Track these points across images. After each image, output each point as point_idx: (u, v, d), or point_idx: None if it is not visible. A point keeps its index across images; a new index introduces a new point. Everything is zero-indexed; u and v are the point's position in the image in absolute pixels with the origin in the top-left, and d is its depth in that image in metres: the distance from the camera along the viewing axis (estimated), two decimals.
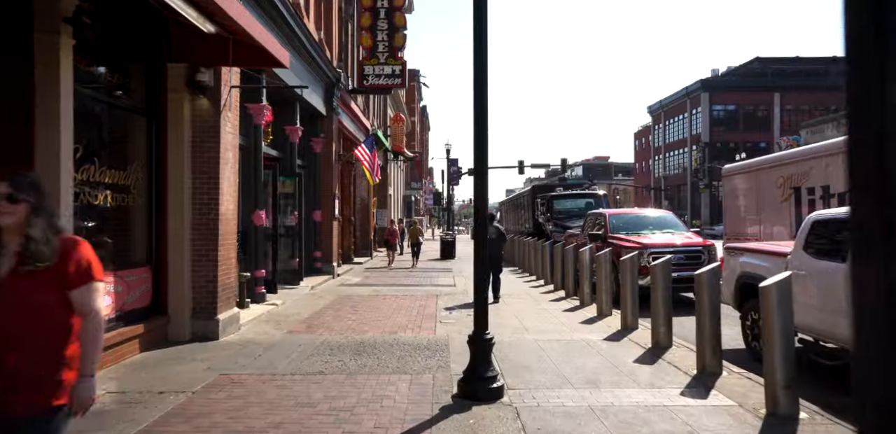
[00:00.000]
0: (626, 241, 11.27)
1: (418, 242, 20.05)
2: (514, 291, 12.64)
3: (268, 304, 10.27)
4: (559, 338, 7.57)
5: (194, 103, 7.29)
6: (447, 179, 35.94)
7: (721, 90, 62.39)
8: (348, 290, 12.85)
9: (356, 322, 8.75)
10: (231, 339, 7.41)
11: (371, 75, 18.32)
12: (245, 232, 10.27)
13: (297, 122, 13.01)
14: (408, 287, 13.57)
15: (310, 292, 12.38)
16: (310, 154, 15.29)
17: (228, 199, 7.68)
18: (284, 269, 12.92)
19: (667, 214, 12.82)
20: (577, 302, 10.76)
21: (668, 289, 6.83)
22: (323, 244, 15.45)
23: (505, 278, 16.01)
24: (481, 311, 5.33)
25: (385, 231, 21.03)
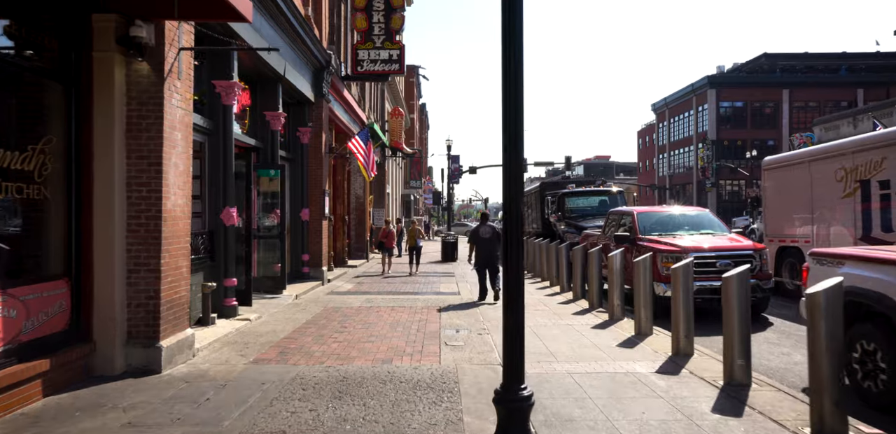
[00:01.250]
0: (661, 244, 9.64)
1: (417, 246, 17.13)
2: (528, 301, 10.91)
3: (239, 318, 8.63)
4: (599, 369, 5.93)
5: (129, 67, 5.65)
6: (447, 177, 34.24)
7: (728, 86, 60.83)
8: (338, 300, 11.20)
9: (342, 344, 7.10)
10: (178, 371, 5.76)
11: (366, 61, 16.69)
12: (212, 233, 8.63)
13: (280, 107, 11.37)
14: (406, 296, 11.93)
15: (293, 303, 10.73)
16: (296, 145, 13.64)
17: (177, 193, 6.03)
18: (265, 275, 11.28)
19: (703, 213, 11.19)
20: (606, 315, 9.13)
21: (745, 302, 5.19)
22: (311, 246, 13.81)
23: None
24: (513, 357, 3.66)
25: (380, 232, 18.03)
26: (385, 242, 17.10)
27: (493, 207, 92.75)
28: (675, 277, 6.50)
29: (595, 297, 10.16)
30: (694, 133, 63.57)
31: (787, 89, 59.96)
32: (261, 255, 11.23)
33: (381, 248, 17.41)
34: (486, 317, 9.25)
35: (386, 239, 17.02)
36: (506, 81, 3.62)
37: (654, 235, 10.29)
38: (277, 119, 11.33)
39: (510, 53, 3.59)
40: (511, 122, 3.64)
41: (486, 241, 11.39)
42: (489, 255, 11.25)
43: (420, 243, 17.30)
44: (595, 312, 9.61)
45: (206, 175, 8.67)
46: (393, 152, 30.25)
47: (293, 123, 13.61)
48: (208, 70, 8.67)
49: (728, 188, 60.89)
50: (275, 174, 11.25)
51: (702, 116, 62.63)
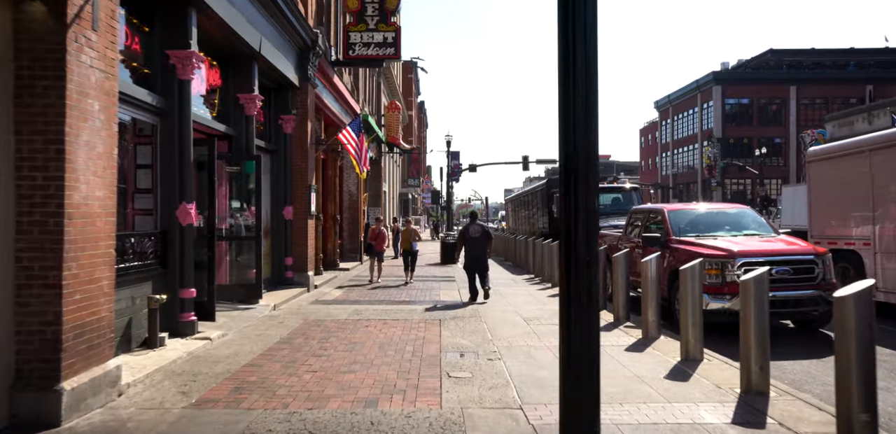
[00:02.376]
0: (702, 248, 8.15)
1: (412, 250, 14.35)
2: (543, 314, 9.52)
3: (198, 337, 7.13)
4: (654, 417, 4.44)
5: (18, 7, 4.16)
6: (447, 175, 32.77)
7: (734, 83, 59.41)
8: (322, 311, 9.71)
9: (317, 376, 5.61)
10: (87, 422, 4.27)
11: (358, 44, 15.19)
12: (165, 234, 7.13)
13: (255, 89, 9.88)
14: (401, 306, 10.44)
15: (269, 315, 9.23)
16: (278, 135, 12.15)
17: (93, 182, 4.54)
18: (238, 282, 9.79)
19: (744, 210, 9.70)
20: (637, 332, 7.64)
21: (868, 334, 3.71)
22: (296, 249, 12.31)
23: (523, 290, 12.97)
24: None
25: (369, 232, 15.03)
26: (374, 245, 14.17)
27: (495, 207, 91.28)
28: (746, 292, 5.02)
29: (622, 309, 8.67)
30: (699, 131, 62.16)
31: (794, 86, 58.58)
32: (233, 260, 9.74)
33: (370, 251, 14.48)
34: (494, 333, 7.77)
35: (376, 241, 14.11)
36: None
37: (690, 237, 8.81)
38: (253, 102, 9.84)
39: None
40: None
41: (475, 240, 11.28)
42: (479, 255, 11.22)
43: (416, 247, 14.52)
44: (623, 328, 8.12)
45: (159, 165, 7.18)
46: (390, 148, 28.77)
47: (274, 110, 12.12)
48: (162, 39, 7.18)
49: (733, 187, 59.47)
50: (249, 166, 9.75)
51: (707, 114, 61.23)
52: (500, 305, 10.46)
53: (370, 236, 14.50)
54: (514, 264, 20.00)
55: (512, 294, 12.17)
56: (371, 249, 14.40)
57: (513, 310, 9.97)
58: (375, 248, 14.21)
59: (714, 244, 8.19)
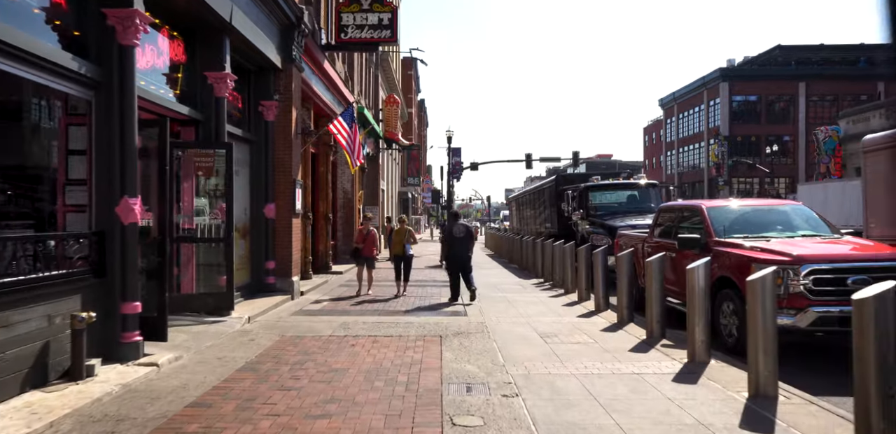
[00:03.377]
0: (753, 252, 6.79)
1: (406, 255, 11.82)
2: (560, 329, 8.14)
3: (142, 362, 5.78)
4: None
5: None
6: (448, 173, 31.39)
7: (741, 80, 58.09)
8: (303, 325, 8.34)
9: (277, 425, 4.24)
10: None
11: (351, 26, 13.84)
12: (103, 235, 5.77)
13: (227, 67, 8.52)
14: (395, 317, 9.08)
15: (240, 330, 7.87)
16: (258, 123, 10.79)
17: None
18: (205, 291, 8.43)
19: (798, 207, 8.33)
20: (682, 355, 6.28)
21: None
22: (279, 251, 10.95)
23: (533, 297, 11.60)
24: None
25: (356, 233, 12.89)
26: (362, 249, 11.71)
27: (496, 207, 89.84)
28: (862, 312, 3.66)
29: (654, 323, 7.30)
30: (705, 128, 60.85)
31: (804, 82, 57.20)
32: (200, 265, 8.38)
33: (356, 256, 11.90)
34: (507, 354, 6.41)
35: (364, 243, 11.68)
36: None
37: (736, 238, 7.43)
38: (223, 83, 8.48)
39: None
40: None
41: (459, 240, 11.12)
42: (463, 256, 11.15)
43: (410, 250, 11.87)
44: (661, 348, 6.75)
45: (94, 150, 5.82)
46: (388, 144, 27.41)
47: (254, 95, 10.76)
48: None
49: (739, 186, 58.09)
50: (219, 155, 8.39)
51: (713, 111, 59.90)
52: (509, 316, 9.10)
53: (356, 238, 12.06)
54: (520, 267, 18.64)
55: (521, 302, 10.81)
56: (358, 254, 11.84)
57: (524, 322, 8.61)
58: (363, 253, 11.73)
59: (769, 247, 6.82)
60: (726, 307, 6.98)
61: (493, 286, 13.43)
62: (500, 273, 16.94)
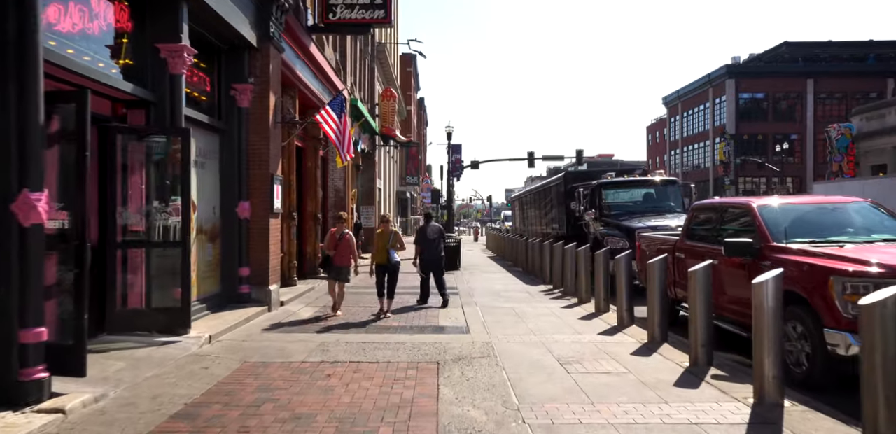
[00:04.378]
0: (828, 260, 5.42)
1: (391, 264, 9.37)
2: (583, 352, 6.78)
3: (44, 408, 4.40)
4: None
5: None
6: (447, 171, 30.01)
7: (748, 77, 56.73)
8: (274, 346, 6.97)
9: None
10: None
11: (340, 5, 12.46)
12: None
13: (183, 38, 7.15)
14: (385, 335, 7.70)
15: (194, 354, 6.49)
16: (230, 109, 9.44)
17: None
18: (156, 307, 7.06)
19: (867, 205, 6.93)
20: (745, 391, 4.92)
21: None
22: (254, 256, 9.59)
23: (543, 307, 10.18)
24: None
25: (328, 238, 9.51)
26: (333, 257, 9.23)
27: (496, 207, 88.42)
28: None
29: (700, 347, 5.93)
30: (710, 127, 59.53)
31: (812, 79, 55.88)
32: (151, 275, 7.01)
33: (328, 266, 9.37)
34: (522, 391, 5.05)
35: (337, 250, 9.16)
36: None
37: (800, 243, 6.07)
38: (179, 57, 7.11)
39: None
40: None
41: (432, 241, 10.62)
42: (436, 257, 10.69)
43: (396, 258, 9.42)
44: (712, 380, 5.39)
45: None
46: (385, 140, 26.05)
47: (225, 78, 9.40)
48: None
49: (744, 186, 56.72)
50: (166, 143, 7.02)
51: (719, 109, 58.57)
52: (518, 333, 7.73)
53: (327, 244, 9.30)
54: (524, 271, 17.27)
55: (531, 314, 9.45)
56: (329, 263, 9.24)
57: (538, 341, 7.25)
58: (335, 262, 9.15)
59: (847, 255, 5.46)
60: (792, 329, 5.63)
61: (497, 294, 12.07)
62: (504, 278, 15.58)
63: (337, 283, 9.33)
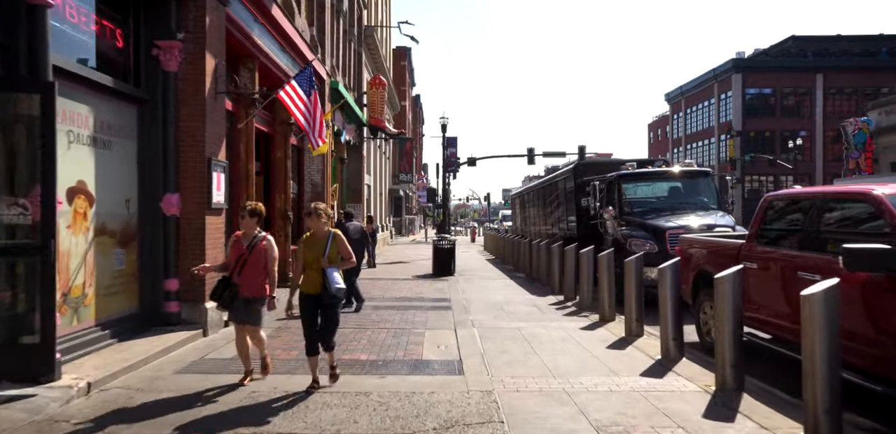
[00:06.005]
0: None
1: (327, 294, 5.03)
2: (633, 412, 4.62)
3: None
4: None
5: None
6: (443, 167, 27.86)
7: (755, 71, 54.64)
8: (179, 402, 4.79)
9: None
10: None
11: None
12: None
13: None
14: (345, 379, 5.50)
15: (47, 419, 4.29)
16: (153, 74, 7.26)
17: None
18: (6, 342, 4.87)
19: None
20: None
21: None
22: (184, 264, 7.37)
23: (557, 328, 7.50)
24: None
25: (230, 245, 5.61)
26: (240, 281, 5.25)
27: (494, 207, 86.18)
28: None
29: (822, 414, 3.79)
30: (715, 124, 57.51)
31: (821, 74, 53.88)
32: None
33: (223, 297, 5.21)
34: None
35: (243, 269, 5.25)
36: None
37: None
38: None
39: None
40: None
41: (355, 242, 9.05)
42: (358, 255, 9.43)
43: (337, 282, 5.01)
44: None
45: None
46: (373, 132, 23.84)
47: (145, 33, 7.21)
48: None
49: (749, 185, 54.67)
50: (13, 103, 4.84)
51: (724, 105, 56.53)
52: (532, 377, 5.56)
53: (230, 256, 5.47)
54: (528, 277, 15.10)
55: (544, 339, 7.27)
56: (231, 292, 5.24)
57: (561, 390, 5.08)
58: (241, 291, 5.25)
59: None
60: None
61: (498, 308, 9.90)
62: (505, 286, 13.41)
63: (248, 329, 5.35)
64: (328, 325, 5.18)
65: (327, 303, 5.09)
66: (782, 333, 5.64)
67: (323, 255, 5.10)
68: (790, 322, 5.40)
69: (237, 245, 5.41)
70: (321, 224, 5.22)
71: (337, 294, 5.01)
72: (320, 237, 5.22)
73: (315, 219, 5.21)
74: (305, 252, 5.21)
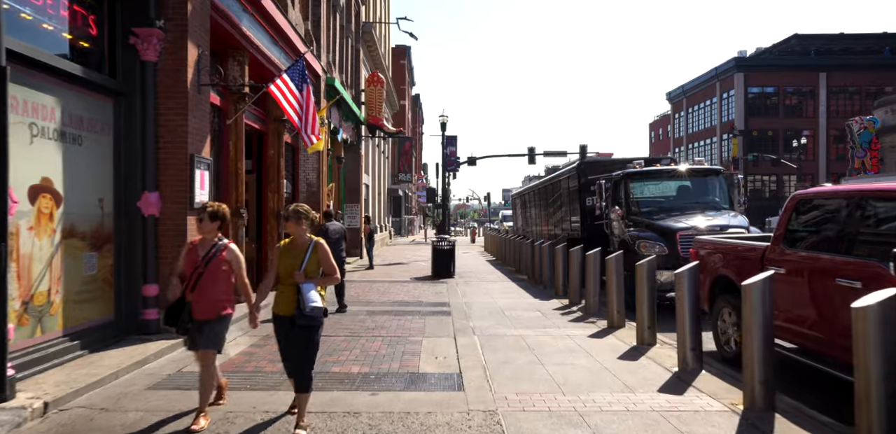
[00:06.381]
0: None
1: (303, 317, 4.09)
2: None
3: None
4: None
5: None
6: (442, 165, 27.35)
7: (758, 70, 54.19)
8: (147, 420, 4.29)
9: None
10: None
11: None
12: None
13: None
14: (331, 395, 5.00)
15: None
16: (130, 64, 6.76)
17: None
18: None
19: None
20: None
21: None
22: (166, 268, 6.88)
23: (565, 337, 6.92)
24: None
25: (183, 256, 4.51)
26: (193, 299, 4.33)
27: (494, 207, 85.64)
28: None
29: (879, 426, 3.29)
30: (718, 123, 57.02)
31: (824, 73, 53.42)
32: None
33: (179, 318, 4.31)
34: None
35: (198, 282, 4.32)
36: None
37: None
38: None
39: None
40: None
41: (334, 243, 9.20)
42: (338, 260, 9.15)
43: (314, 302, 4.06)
44: None
45: None
46: (371, 131, 23.34)
47: (121, 19, 6.71)
48: None
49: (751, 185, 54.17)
50: None
51: (727, 104, 56.06)
52: (540, 393, 5.05)
53: (181, 265, 4.48)
54: (530, 279, 14.60)
55: (550, 349, 6.77)
56: (181, 315, 4.32)
57: (573, 410, 4.59)
58: (196, 313, 4.33)
59: None
60: None
61: (500, 313, 9.40)
62: (507, 289, 12.90)
63: (206, 358, 4.40)
64: (301, 355, 4.16)
65: (302, 325, 4.10)
66: (812, 345, 5.15)
67: (299, 268, 4.17)
68: (823, 333, 4.91)
69: (191, 255, 4.40)
70: (302, 230, 4.29)
71: (312, 313, 4.07)
72: (299, 246, 4.29)
73: (295, 223, 4.27)
74: (280, 262, 4.27)
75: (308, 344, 4.17)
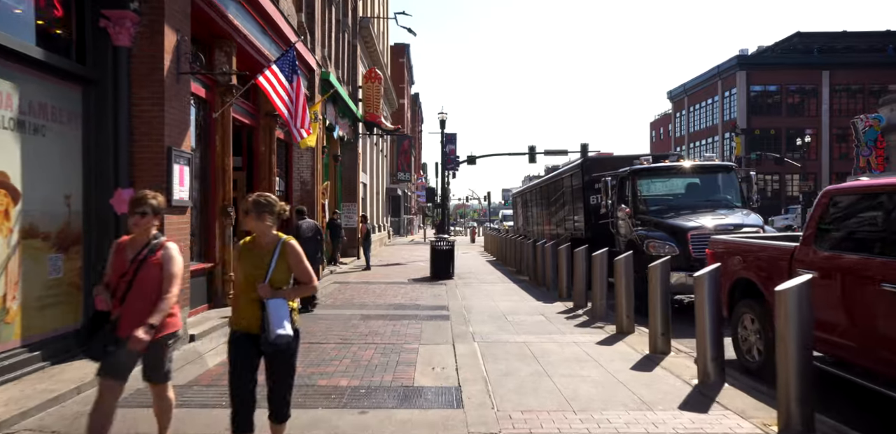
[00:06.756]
0: None
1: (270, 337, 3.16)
2: None
3: None
4: None
5: None
6: (441, 163, 26.84)
7: (760, 68, 53.69)
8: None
9: None
10: None
11: None
12: None
13: None
14: (318, 414, 4.49)
15: None
16: (101, 50, 6.23)
17: None
18: None
19: None
20: None
21: None
22: None
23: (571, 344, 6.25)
24: None
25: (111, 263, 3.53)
26: (120, 316, 3.38)
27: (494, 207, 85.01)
28: None
29: None
30: (720, 121, 56.55)
31: (827, 71, 52.90)
32: None
33: (98, 338, 3.32)
34: None
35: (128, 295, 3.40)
36: None
37: None
38: None
39: None
40: None
41: (307, 241, 8.95)
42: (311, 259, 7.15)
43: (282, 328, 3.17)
44: None
45: None
46: (369, 128, 22.82)
47: (90, 1, 6.18)
48: None
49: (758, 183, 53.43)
50: None
51: (729, 102, 55.56)
52: (547, 411, 4.53)
53: (109, 275, 3.51)
54: (532, 281, 14.09)
55: (557, 358, 6.25)
56: (104, 334, 3.36)
57: (582, 431, 4.07)
58: (120, 330, 3.36)
59: None
60: None
61: (501, 318, 8.88)
62: (508, 291, 12.39)
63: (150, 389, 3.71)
64: (278, 384, 3.39)
65: (272, 348, 3.21)
66: (852, 356, 4.63)
67: (264, 276, 3.25)
68: (864, 343, 4.40)
69: (119, 257, 3.49)
70: (265, 227, 3.33)
71: (277, 342, 3.15)
72: (263, 247, 3.35)
73: (256, 218, 3.31)
74: (239, 266, 3.36)
75: (284, 369, 3.37)
